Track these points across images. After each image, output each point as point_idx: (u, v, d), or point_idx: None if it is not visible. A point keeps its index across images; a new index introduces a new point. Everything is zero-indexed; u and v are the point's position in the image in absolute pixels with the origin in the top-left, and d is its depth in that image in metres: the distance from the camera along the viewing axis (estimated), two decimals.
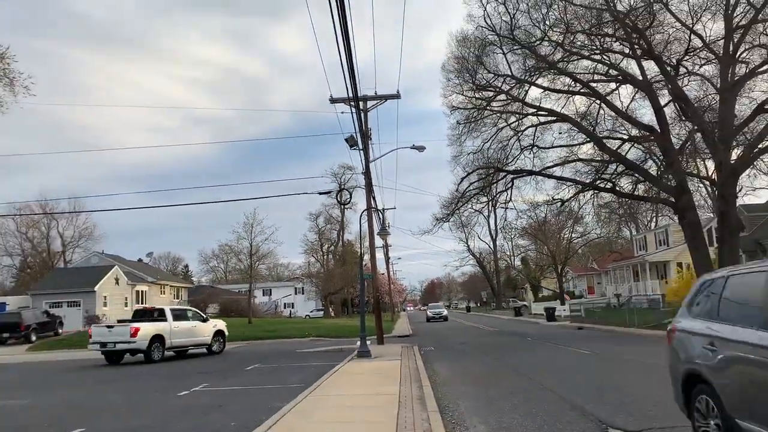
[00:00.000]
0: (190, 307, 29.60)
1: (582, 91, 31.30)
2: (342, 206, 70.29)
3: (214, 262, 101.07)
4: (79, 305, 43.54)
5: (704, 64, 29.79)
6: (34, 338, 34.89)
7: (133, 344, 21.35)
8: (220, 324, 26.27)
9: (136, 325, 21.82)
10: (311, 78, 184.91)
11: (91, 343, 22.22)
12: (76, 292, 43.87)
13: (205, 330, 24.86)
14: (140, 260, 66.53)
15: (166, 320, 22.87)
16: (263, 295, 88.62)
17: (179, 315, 24.16)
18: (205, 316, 26.46)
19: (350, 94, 18.81)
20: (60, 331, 38.48)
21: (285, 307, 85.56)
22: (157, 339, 21.95)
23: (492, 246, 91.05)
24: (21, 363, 25.03)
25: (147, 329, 21.79)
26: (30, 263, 66.76)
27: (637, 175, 30.98)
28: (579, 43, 29.92)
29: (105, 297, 45.22)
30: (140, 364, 21.39)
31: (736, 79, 28.07)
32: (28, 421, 10.41)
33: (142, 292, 52.41)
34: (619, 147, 31.23)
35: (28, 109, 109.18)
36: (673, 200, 29.81)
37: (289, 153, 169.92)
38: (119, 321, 25.10)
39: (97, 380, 16.75)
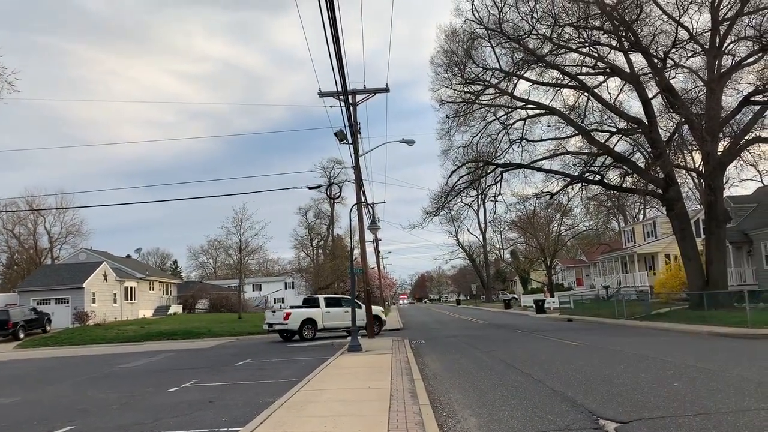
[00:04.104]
0: (344, 296, 32.74)
1: (570, 83, 31.41)
2: (331, 201, 70.09)
3: (203, 258, 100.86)
4: (68, 302, 43.14)
5: (691, 57, 29.98)
6: (22, 336, 34.59)
7: (286, 325, 26.19)
8: (375, 309, 29.49)
9: (288, 310, 27.28)
10: (310, 72, 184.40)
11: (264, 324, 27.85)
12: (64, 289, 43.45)
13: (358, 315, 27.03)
14: (129, 256, 66.07)
15: (318, 307, 27.05)
16: (253, 290, 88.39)
17: (332, 302, 28.06)
18: (359, 303, 29.17)
19: (339, 88, 18.76)
20: (48, 328, 38.17)
21: (275, 302, 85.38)
22: (309, 322, 26.40)
23: (481, 239, 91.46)
24: (8, 361, 24.83)
25: (297, 314, 26.56)
26: (17, 260, 66.09)
27: (625, 167, 31.16)
28: (567, 36, 30.01)
29: (94, 293, 44.83)
30: (134, 362, 21.32)
31: (722, 71, 28.24)
32: (16, 419, 10.34)
33: (131, 288, 52.06)
34: (607, 140, 31.39)
35: (25, 105, 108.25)
36: (661, 192, 30.02)
37: (284, 147, 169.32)
38: (291, 307, 29.94)
39: (88, 377, 16.66)
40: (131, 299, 51.95)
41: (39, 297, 43.12)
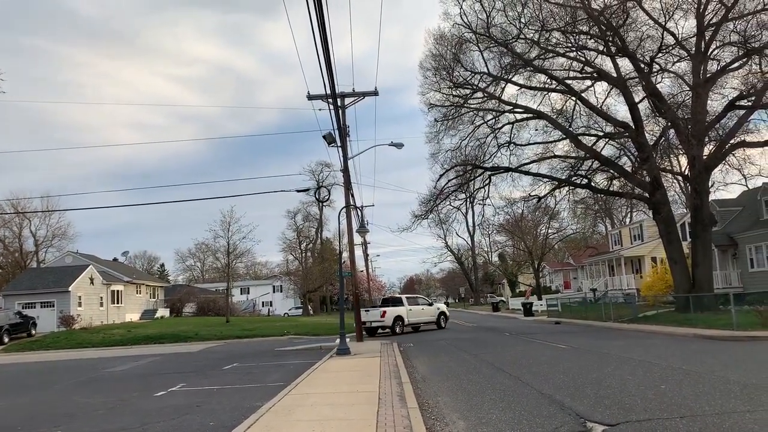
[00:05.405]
0: (420, 295, 37.68)
1: (558, 88, 31.59)
2: (320, 204, 70.05)
3: (191, 261, 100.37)
4: (53, 306, 42.73)
5: (677, 62, 30.27)
6: (6, 340, 34.26)
7: (383, 322, 30.05)
8: (443, 307, 35.06)
9: (384, 309, 30.77)
10: (301, 75, 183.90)
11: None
12: (50, 293, 43.02)
13: (431, 312, 33.24)
14: (115, 259, 65.56)
15: (403, 305, 31.04)
16: (241, 293, 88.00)
17: (412, 301, 32.77)
18: (431, 301, 34.89)
19: (328, 91, 18.75)
20: (33, 332, 37.83)
21: (263, 306, 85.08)
22: (398, 319, 30.41)
23: (470, 242, 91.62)
24: None
25: (391, 312, 30.39)
26: (1, 263, 65.37)
27: (612, 171, 31.37)
28: (554, 40, 30.20)
29: (80, 297, 44.43)
30: (120, 366, 21.14)
31: (708, 76, 28.53)
32: (2, 424, 10.22)
33: (117, 291, 51.66)
34: (594, 143, 31.58)
35: (23, 107, 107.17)
36: (648, 196, 30.25)
37: (273, 150, 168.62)
38: (381, 306, 33.14)
39: (74, 381, 16.50)
40: (118, 303, 51.56)
41: (24, 301, 42.68)
